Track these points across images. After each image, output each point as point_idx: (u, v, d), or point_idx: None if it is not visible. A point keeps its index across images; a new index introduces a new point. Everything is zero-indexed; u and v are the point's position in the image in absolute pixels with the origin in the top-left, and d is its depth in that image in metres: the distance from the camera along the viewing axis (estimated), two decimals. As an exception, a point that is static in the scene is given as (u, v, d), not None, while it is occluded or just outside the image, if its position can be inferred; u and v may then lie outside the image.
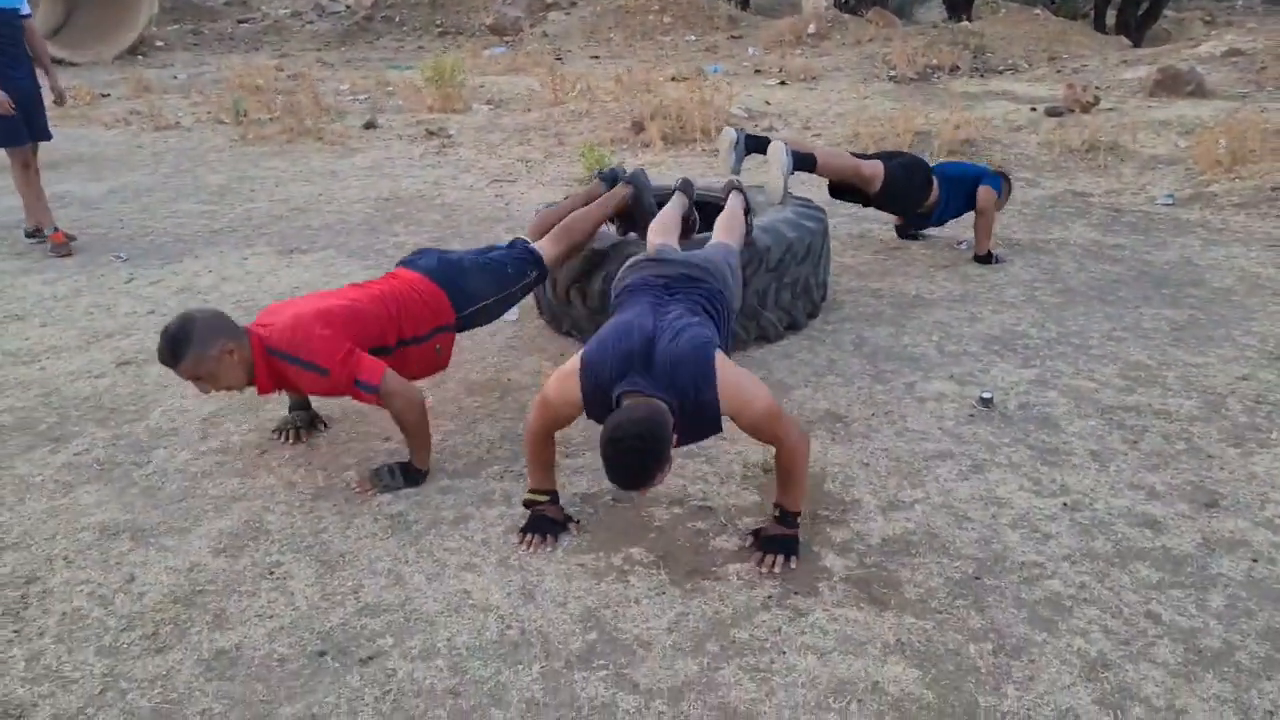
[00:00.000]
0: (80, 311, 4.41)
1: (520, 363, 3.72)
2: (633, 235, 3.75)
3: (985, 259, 4.68)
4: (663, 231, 3.25)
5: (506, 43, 17.13)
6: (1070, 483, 2.76)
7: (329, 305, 2.84)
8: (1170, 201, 5.80)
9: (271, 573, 2.48)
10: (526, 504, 2.67)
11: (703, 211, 3.76)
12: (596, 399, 2.38)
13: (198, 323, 2.63)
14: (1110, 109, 8.72)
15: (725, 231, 3.23)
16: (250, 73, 11.98)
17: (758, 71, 12.52)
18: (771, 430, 2.38)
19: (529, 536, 2.57)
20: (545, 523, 2.60)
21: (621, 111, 8.86)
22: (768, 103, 9.83)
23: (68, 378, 3.70)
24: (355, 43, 18.12)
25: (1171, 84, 9.38)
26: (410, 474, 2.87)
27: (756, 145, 4.33)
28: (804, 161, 4.19)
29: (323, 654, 2.19)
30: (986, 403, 3.22)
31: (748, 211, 3.48)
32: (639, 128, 8.19)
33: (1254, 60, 10.39)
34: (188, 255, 5.28)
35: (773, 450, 2.44)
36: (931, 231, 5.09)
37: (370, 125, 9.14)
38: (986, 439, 3.02)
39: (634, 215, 3.71)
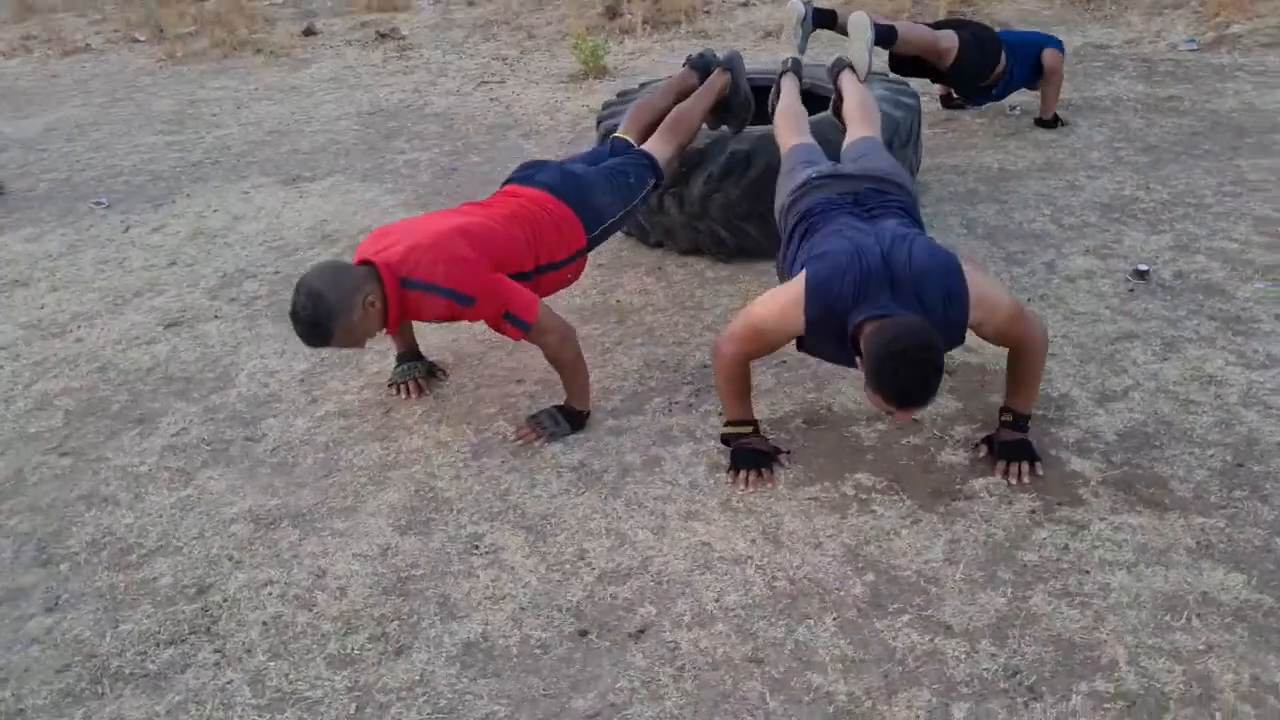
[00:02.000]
0: (89, 270, 3.91)
1: (620, 282, 3.42)
2: (725, 129, 3.42)
3: (1051, 123, 4.48)
4: (795, 129, 2.94)
5: (410, -70, 15.89)
6: (1276, 352, 2.64)
7: (464, 224, 2.48)
8: (1194, 46, 5.66)
9: (476, 547, 2.22)
10: (726, 439, 2.44)
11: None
12: (825, 327, 2.13)
13: (326, 291, 2.27)
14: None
15: (865, 122, 2.91)
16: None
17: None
18: (1017, 333, 2.19)
19: (743, 474, 2.35)
20: (756, 456, 2.38)
21: (586, -5, 8.27)
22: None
23: (115, 348, 3.27)
24: (239, -58, 16.59)
25: (1135, -75, 9.17)
26: (572, 417, 2.61)
27: (824, 20, 3.99)
28: (885, 34, 3.87)
29: (584, 633, 1.96)
30: (1142, 275, 3.07)
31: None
32: (613, 13, 7.64)
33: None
34: (177, 194, 4.74)
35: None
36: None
37: (310, 31, 8.35)
38: (1161, 314, 2.88)
39: (730, 105, 3.37)
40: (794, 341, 2.25)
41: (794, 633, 1.91)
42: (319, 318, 2.25)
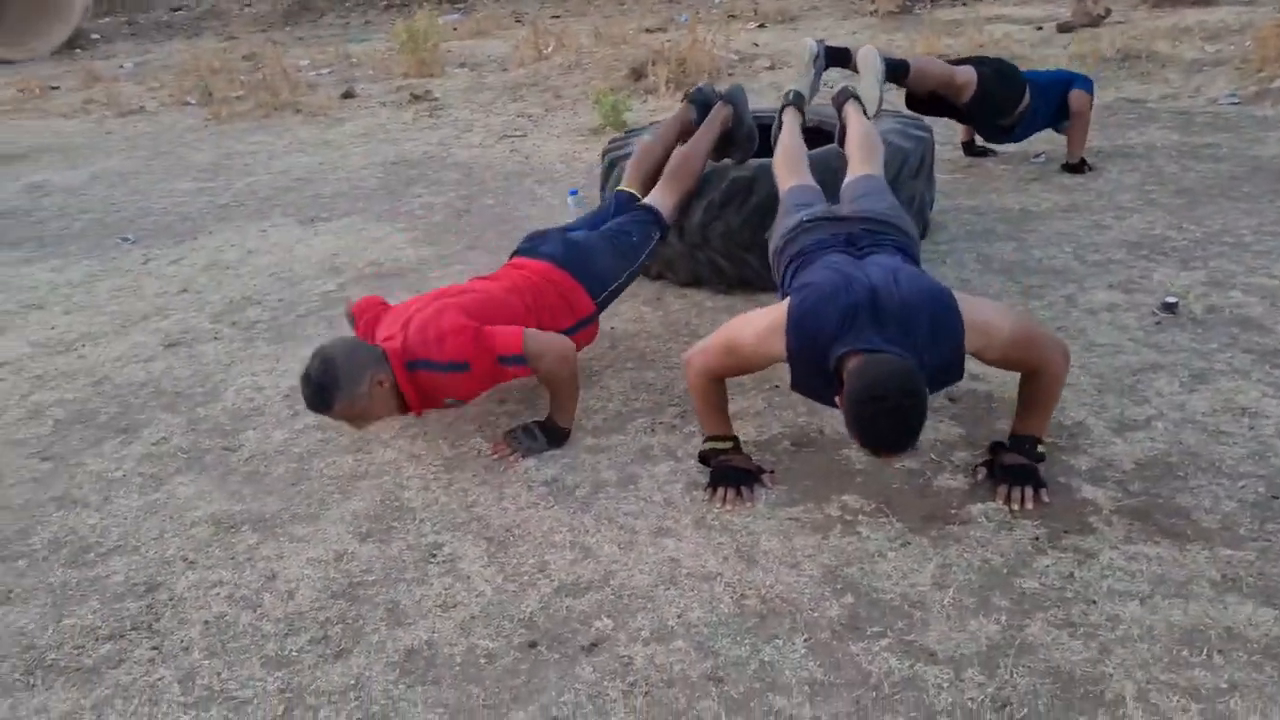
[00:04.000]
0: (104, 296, 3.93)
1: (617, 309, 3.29)
2: (728, 161, 3.36)
3: (1078, 167, 4.35)
4: (794, 169, 2.83)
5: (459, 9, 16.47)
6: (1314, 384, 2.45)
7: (458, 300, 2.46)
8: (1235, 101, 5.52)
9: (434, 555, 2.10)
10: (704, 457, 2.30)
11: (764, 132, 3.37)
12: (807, 359, 2.01)
13: (339, 359, 2.25)
14: (1120, 21, 8.45)
15: (867, 160, 2.77)
16: (202, 55, 11.28)
17: (731, 17, 12.05)
18: (1026, 356, 2.04)
19: (721, 491, 2.20)
20: (736, 474, 2.23)
21: (613, 61, 8.40)
22: (755, 44, 9.41)
23: (114, 364, 3.25)
24: (299, 22, 17.26)
25: (1177, -7, 9.14)
26: (553, 433, 2.49)
27: (837, 58, 3.94)
28: (897, 69, 3.81)
29: (534, 645, 1.81)
30: (1170, 308, 2.90)
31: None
32: (638, 75, 7.74)
33: (1252, -31, 10.18)
34: (200, 232, 4.79)
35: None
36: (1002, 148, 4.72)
37: (349, 94, 8.59)
38: (1190, 346, 2.70)
39: (734, 138, 3.31)
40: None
41: (759, 652, 1.75)
42: (326, 381, 2.23)
